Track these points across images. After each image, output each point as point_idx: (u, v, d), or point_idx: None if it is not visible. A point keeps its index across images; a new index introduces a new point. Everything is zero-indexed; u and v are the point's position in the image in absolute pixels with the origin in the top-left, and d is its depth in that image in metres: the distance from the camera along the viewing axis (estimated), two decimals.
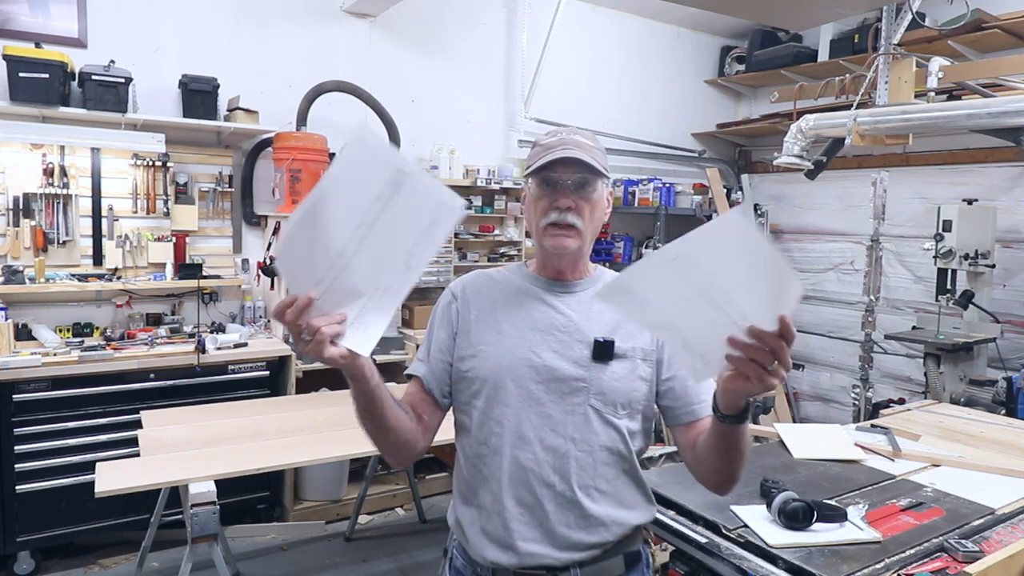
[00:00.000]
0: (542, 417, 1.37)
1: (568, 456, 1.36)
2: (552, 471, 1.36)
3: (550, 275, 1.47)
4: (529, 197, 1.45)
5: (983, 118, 3.31)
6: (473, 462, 1.43)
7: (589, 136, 1.44)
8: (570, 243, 1.39)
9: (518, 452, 1.37)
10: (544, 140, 1.44)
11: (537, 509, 1.36)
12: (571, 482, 1.36)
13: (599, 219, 1.44)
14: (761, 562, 1.65)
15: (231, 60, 4.20)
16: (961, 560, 1.60)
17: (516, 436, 1.37)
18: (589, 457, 1.37)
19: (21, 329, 3.60)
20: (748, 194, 6.16)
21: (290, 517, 3.95)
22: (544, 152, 1.39)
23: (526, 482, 1.37)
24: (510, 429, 1.38)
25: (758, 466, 2.22)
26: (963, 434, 2.58)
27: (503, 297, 1.47)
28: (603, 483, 1.38)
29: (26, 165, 3.67)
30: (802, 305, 6.00)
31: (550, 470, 1.36)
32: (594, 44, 5.71)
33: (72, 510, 3.33)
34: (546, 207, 1.39)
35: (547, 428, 1.37)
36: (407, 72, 4.84)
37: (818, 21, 4.82)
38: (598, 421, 1.38)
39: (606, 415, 1.38)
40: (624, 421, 1.40)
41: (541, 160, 1.37)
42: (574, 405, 1.37)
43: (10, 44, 3.51)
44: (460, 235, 4.94)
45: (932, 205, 4.59)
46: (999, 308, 4.40)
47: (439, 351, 1.47)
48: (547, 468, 1.36)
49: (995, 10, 4.35)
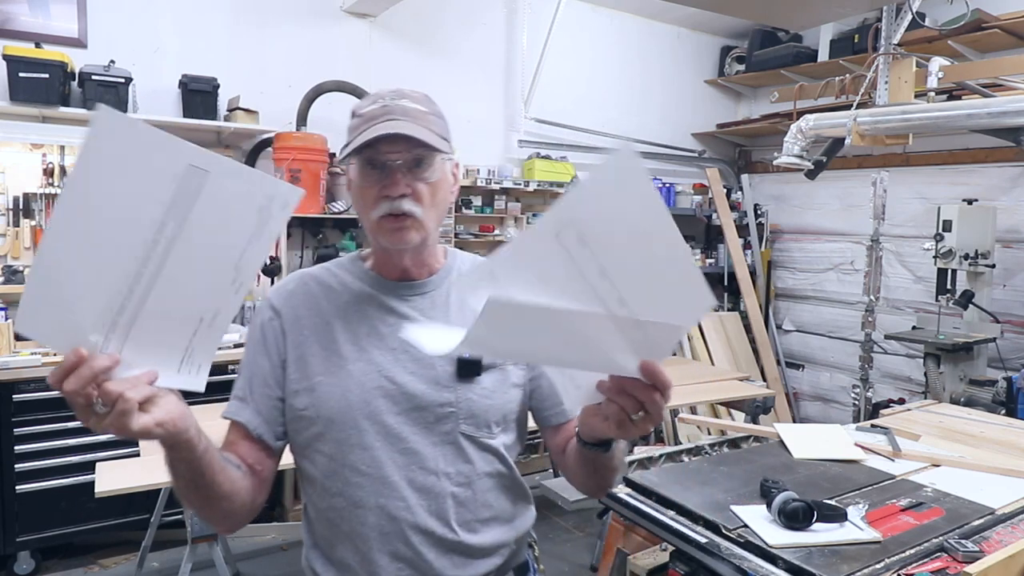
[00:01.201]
0: (407, 455, 1.13)
1: (443, 495, 1.14)
2: (428, 515, 1.14)
3: (394, 275, 1.21)
4: (353, 184, 1.15)
5: (983, 118, 3.31)
6: (327, 516, 1.17)
7: (422, 99, 1.17)
8: (412, 236, 1.13)
9: (385, 502, 1.13)
10: (364, 109, 1.14)
11: (417, 561, 1.14)
12: (451, 523, 1.15)
13: (443, 201, 1.18)
14: (761, 562, 1.65)
15: (231, 60, 4.20)
16: (961, 560, 1.60)
17: (380, 483, 1.13)
18: (468, 490, 1.17)
19: None
20: (748, 194, 6.16)
21: (290, 517, 3.95)
22: (364, 125, 1.10)
23: (400, 534, 1.13)
24: (371, 476, 1.13)
25: (758, 466, 2.22)
26: (963, 434, 2.58)
27: (339, 309, 1.18)
28: (486, 512, 1.19)
29: (26, 165, 3.67)
30: (802, 305, 6.00)
31: (425, 515, 1.14)
32: (594, 44, 5.71)
33: (72, 510, 3.33)
34: (376, 196, 1.11)
35: (415, 467, 1.14)
36: (407, 72, 4.84)
37: (818, 21, 4.82)
38: (472, 448, 1.17)
39: (480, 439, 1.18)
40: (500, 439, 1.21)
41: (361, 137, 1.08)
42: (442, 435, 1.15)
43: (10, 44, 3.51)
44: (460, 235, 4.94)
45: (932, 205, 4.59)
46: (999, 308, 4.40)
47: (264, 385, 1.18)
48: (422, 514, 1.13)
49: (995, 10, 4.35)
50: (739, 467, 2.23)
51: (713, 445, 2.47)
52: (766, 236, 6.13)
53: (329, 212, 4.16)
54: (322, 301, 1.20)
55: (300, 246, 4.36)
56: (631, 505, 2.03)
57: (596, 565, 3.52)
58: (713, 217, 5.88)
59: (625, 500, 2.04)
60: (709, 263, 6.04)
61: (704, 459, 2.35)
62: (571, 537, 3.94)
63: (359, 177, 1.13)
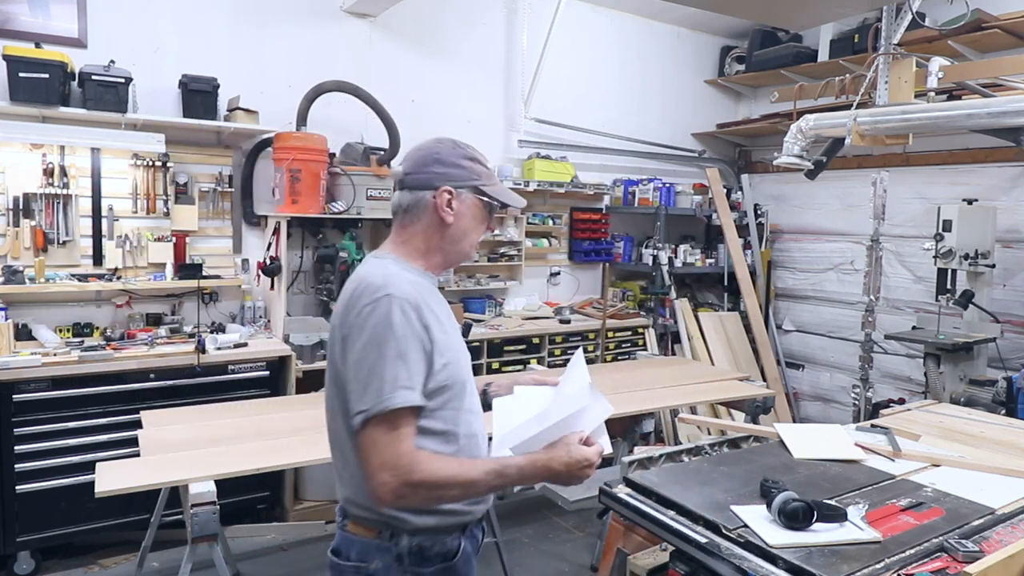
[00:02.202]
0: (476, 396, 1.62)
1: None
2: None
3: (437, 273, 1.61)
4: (477, 213, 1.58)
5: (983, 118, 3.31)
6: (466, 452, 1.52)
7: None
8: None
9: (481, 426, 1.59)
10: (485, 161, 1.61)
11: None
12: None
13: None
14: (761, 562, 1.65)
15: (231, 60, 4.20)
16: (961, 560, 1.60)
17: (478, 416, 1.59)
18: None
19: (21, 329, 3.60)
20: (748, 194, 6.17)
21: (290, 517, 3.95)
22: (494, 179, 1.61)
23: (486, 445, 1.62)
24: (476, 413, 1.58)
25: (758, 466, 2.22)
26: (963, 434, 2.58)
27: (429, 300, 1.49)
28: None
29: (26, 165, 3.67)
30: (802, 305, 6.02)
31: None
32: (594, 44, 5.72)
33: (72, 510, 3.33)
34: (482, 231, 1.62)
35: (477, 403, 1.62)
36: (407, 72, 4.84)
37: (818, 21, 4.83)
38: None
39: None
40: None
41: (507, 196, 1.61)
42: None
43: (10, 44, 3.51)
44: None
45: (932, 205, 4.60)
46: (999, 308, 4.41)
47: (419, 373, 1.40)
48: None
49: (995, 10, 4.35)
50: (739, 467, 2.23)
51: (713, 445, 2.47)
52: (766, 236, 6.13)
53: (329, 212, 4.16)
54: (425, 294, 1.48)
55: (300, 246, 4.36)
56: (631, 505, 2.03)
57: (596, 565, 3.52)
58: (713, 217, 5.88)
59: (625, 500, 2.04)
60: (709, 263, 6.04)
61: (704, 459, 2.35)
62: (571, 537, 3.94)
63: (481, 215, 1.59)
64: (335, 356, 1.46)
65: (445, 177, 1.51)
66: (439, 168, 1.52)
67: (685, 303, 5.79)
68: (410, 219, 1.54)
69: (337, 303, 1.51)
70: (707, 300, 6.27)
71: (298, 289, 4.33)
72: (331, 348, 1.49)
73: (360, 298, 1.40)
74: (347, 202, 4.20)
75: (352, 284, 1.46)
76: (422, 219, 1.53)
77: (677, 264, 5.78)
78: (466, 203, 1.53)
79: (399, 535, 1.46)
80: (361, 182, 4.23)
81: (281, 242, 4.12)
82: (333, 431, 1.51)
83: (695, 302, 6.05)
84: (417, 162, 1.54)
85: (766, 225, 6.14)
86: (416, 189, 1.52)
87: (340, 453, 1.50)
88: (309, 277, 4.38)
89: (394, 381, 1.34)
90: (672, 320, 5.68)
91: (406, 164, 1.56)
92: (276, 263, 4.13)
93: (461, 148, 1.56)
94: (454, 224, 1.53)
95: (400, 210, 1.55)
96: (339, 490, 1.54)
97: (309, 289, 4.38)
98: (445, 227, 1.53)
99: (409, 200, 1.53)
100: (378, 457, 1.34)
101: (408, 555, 1.46)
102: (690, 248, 5.94)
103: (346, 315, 1.42)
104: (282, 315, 4.11)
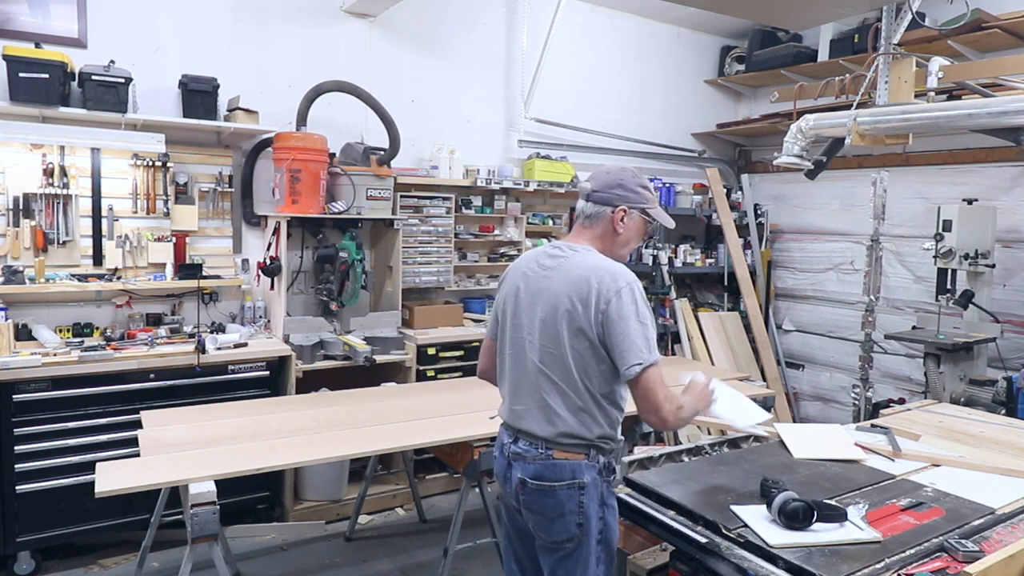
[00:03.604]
0: None
1: None
2: None
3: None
4: (639, 228, 2.07)
5: (983, 118, 3.31)
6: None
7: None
8: None
9: None
10: (654, 193, 2.09)
11: None
12: None
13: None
14: (761, 562, 1.65)
15: (231, 60, 4.20)
16: (961, 560, 1.60)
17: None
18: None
19: (21, 329, 3.59)
20: (748, 194, 6.17)
21: (290, 517, 3.95)
22: (659, 209, 2.08)
23: None
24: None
25: (758, 466, 2.22)
26: (963, 434, 2.58)
27: None
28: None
29: (26, 165, 3.67)
30: (802, 305, 6.02)
31: None
32: (594, 44, 5.71)
33: (72, 510, 3.33)
34: (640, 240, 2.11)
35: None
36: (407, 72, 4.84)
37: (818, 21, 4.83)
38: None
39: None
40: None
41: (663, 219, 2.10)
42: None
43: (10, 44, 3.51)
44: (460, 235, 4.94)
45: (932, 205, 4.60)
46: (999, 308, 4.41)
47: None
48: None
49: (995, 10, 4.35)
50: (739, 467, 2.23)
51: (713, 445, 2.47)
52: (766, 236, 6.13)
53: (329, 212, 4.16)
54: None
55: (300, 246, 4.35)
56: (631, 505, 2.03)
57: None
58: (713, 217, 5.88)
59: (625, 500, 2.04)
60: (709, 263, 6.04)
61: (704, 459, 2.36)
62: None
63: (642, 229, 2.08)
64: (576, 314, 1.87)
65: (624, 199, 2.00)
66: (621, 191, 2.00)
67: (685, 303, 5.79)
68: (590, 224, 2.03)
69: (555, 272, 1.95)
70: (707, 300, 6.27)
71: (298, 289, 4.33)
72: (554, 309, 1.91)
73: (614, 280, 1.86)
74: (347, 202, 4.20)
75: (584, 269, 1.91)
76: (598, 226, 2.03)
77: (677, 264, 5.78)
78: (634, 220, 2.03)
79: (597, 455, 1.92)
80: (361, 182, 4.23)
81: (281, 242, 4.12)
82: (550, 374, 1.90)
83: (695, 302, 6.05)
84: (604, 183, 2.01)
85: (766, 225, 6.14)
86: (600, 204, 2.01)
87: (558, 395, 1.89)
88: (309, 277, 4.38)
89: (654, 342, 1.86)
90: (672, 320, 5.68)
91: (594, 183, 2.03)
92: (276, 263, 4.13)
93: (637, 178, 2.05)
94: (623, 235, 2.03)
95: (583, 216, 2.04)
96: (541, 427, 1.91)
97: (309, 289, 4.37)
98: (616, 235, 2.03)
99: (592, 210, 2.02)
100: (659, 393, 1.82)
101: (603, 470, 1.93)
102: (690, 248, 5.94)
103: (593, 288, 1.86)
104: (282, 315, 4.11)
